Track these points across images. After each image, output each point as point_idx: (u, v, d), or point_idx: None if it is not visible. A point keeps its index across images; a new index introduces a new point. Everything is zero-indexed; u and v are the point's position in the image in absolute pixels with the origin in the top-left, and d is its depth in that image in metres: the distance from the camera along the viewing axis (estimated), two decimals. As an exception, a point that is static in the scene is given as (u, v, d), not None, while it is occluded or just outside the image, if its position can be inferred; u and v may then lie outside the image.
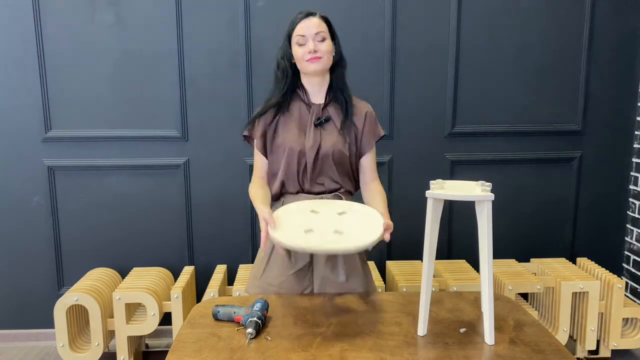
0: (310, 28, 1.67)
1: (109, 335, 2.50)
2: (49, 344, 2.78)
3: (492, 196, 1.40)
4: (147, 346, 2.74)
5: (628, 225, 2.89)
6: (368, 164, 1.81)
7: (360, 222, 1.55)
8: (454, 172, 2.78)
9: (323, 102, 1.76)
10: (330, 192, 1.76)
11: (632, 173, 2.85)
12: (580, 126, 2.78)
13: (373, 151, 1.82)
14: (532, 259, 2.78)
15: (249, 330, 1.45)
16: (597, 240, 2.90)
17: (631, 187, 2.86)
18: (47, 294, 2.77)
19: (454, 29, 2.65)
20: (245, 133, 1.80)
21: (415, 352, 1.38)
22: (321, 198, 1.73)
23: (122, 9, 2.58)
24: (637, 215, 2.82)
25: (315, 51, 1.66)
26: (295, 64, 1.73)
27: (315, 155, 1.70)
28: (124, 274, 2.72)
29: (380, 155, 2.74)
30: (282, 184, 1.75)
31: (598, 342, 2.57)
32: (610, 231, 2.91)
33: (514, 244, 2.86)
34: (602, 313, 2.52)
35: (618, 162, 2.84)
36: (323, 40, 1.68)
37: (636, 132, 2.81)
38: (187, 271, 2.66)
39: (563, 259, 2.77)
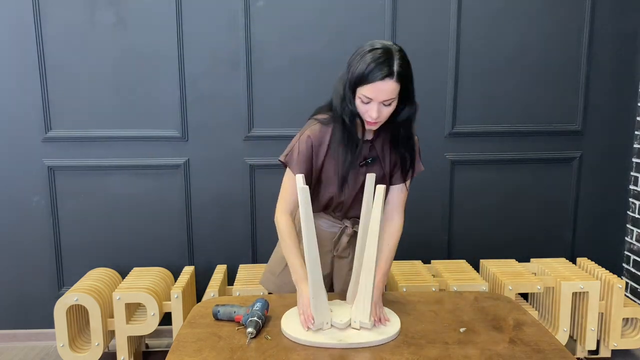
0: (380, 93, 1.42)
1: (109, 335, 2.50)
2: (49, 344, 2.77)
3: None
4: (147, 346, 2.74)
5: (628, 225, 2.89)
6: (394, 195, 1.67)
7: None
8: (454, 172, 2.78)
9: (371, 137, 1.60)
10: (355, 216, 1.71)
11: (632, 173, 2.85)
12: (580, 126, 2.78)
13: (407, 186, 1.69)
14: (532, 259, 2.78)
15: (249, 329, 1.45)
16: (597, 240, 2.90)
17: (631, 187, 2.86)
18: (47, 294, 2.77)
19: (454, 29, 2.65)
20: (282, 159, 1.63)
21: (415, 352, 1.38)
22: (343, 220, 1.72)
23: (122, 9, 2.58)
24: (637, 215, 2.82)
25: (377, 118, 1.46)
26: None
27: (356, 194, 1.63)
28: (124, 274, 2.72)
29: (380, 155, 2.74)
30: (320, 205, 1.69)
31: (598, 342, 2.57)
32: (610, 231, 2.90)
33: (514, 244, 2.86)
34: (602, 313, 2.52)
35: (618, 162, 2.84)
36: (390, 104, 1.46)
37: (636, 132, 2.81)
38: (187, 271, 2.66)
39: (563, 259, 2.77)
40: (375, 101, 1.43)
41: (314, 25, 2.63)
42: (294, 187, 1.54)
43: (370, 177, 1.52)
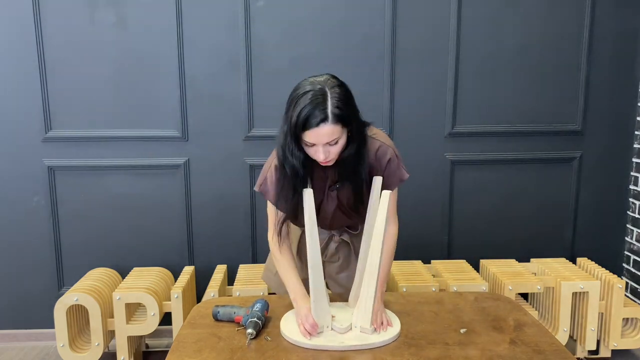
0: (320, 137, 1.37)
1: (109, 335, 2.50)
2: (49, 344, 2.77)
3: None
4: (147, 346, 2.74)
5: (628, 225, 2.89)
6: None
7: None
8: (454, 172, 2.78)
9: (333, 170, 1.57)
10: (339, 228, 1.75)
11: (632, 173, 2.85)
12: (580, 126, 2.78)
13: (394, 192, 1.66)
14: (532, 259, 2.78)
15: (249, 330, 1.45)
16: (597, 240, 2.90)
17: (631, 187, 2.86)
18: (47, 294, 2.77)
19: (454, 29, 2.65)
20: (257, 189, 1.65)
21: (416, 352, 1.38)
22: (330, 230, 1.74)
23: (122, 9, 2.58)
24: (637, 215, 2.82)
25: (326, 158, 1.42)
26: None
27: (333, 213, 1.65)
28: (124, 274, 2.72)
29: (380, 155, 2.73)
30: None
31: (598, 342, 2.57)
32: (610, 231, 2.90)
33: (514, 244, 2.86)
34: (602, 313, 2.52)
35: (618, 162, 2.84)
36: (336, 143, 1.41)
37: (636, 132, 2.81)
38: (187, 271, 2.66)
39: (563, 259, 2.77)
40: (319, 144, 1.39)
41: (314, 25, 2.62)
42: (276, 210, 1.59)
43: (377, 181, 1.51)
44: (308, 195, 1.40)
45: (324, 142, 1.38)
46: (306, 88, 1.39)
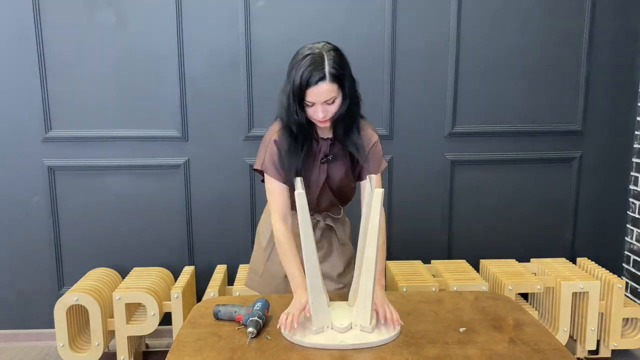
0: (320, 95, 1.51)
1: (109, 335, 2.50)
2: (49, 344, 2.77)
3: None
4: (147, 346, 2.74)
5: (628, 225, 2.89)
6: (368, 191, 1.67)
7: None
8: (454, 172, 2.78)
9: (331, 136, 1.67)
10: (324, 210, 1.82)
11: (632, 173, 2.85)
12: (580, 126, 2.78)
13: (380, 181, 1.70)
14: (532, 259, 2.78)
15: (250, 329, 1.45)
16: (597, 240, 2.90)
17: (631, 187, 2.86)
18: (47, 294, 2.77)
19: (454, 29, 2.65)
20: (258, 167, 1.70)
21: (416, 352, 1.38)
22: (314, 215, 1.79)
23: (122, 9, 2.58)
24: (637, 215, 2.82)
25: (324, 117, 1.55)
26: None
27: (321, 189, 1.71)
28: (124, 274, 2.72)
29: (380, 155, 2.74)
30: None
31: (598, 342, 2.57)
32: (610, 231, 2.90)
33: (514, 244, 2.86)
34: (602, 313, 2.52)
35: (618, 162, 2.84)
36: (333, 102, 1.54)
37: (636, 132, 2.81)
38: (187, 271, 2.66)
39: (563, 259, 2.77)
40: (318, 103, 1.52)
41: (314, 25, 2.63)
42: (279, 189, 1.64)
43: (372, 179, 1.52)
44: (300, 197, 1.40)
45: (323, 100, 1.51)
46: (305, 52, 1.52)
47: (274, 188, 1.66)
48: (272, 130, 1.68)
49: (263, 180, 1.72)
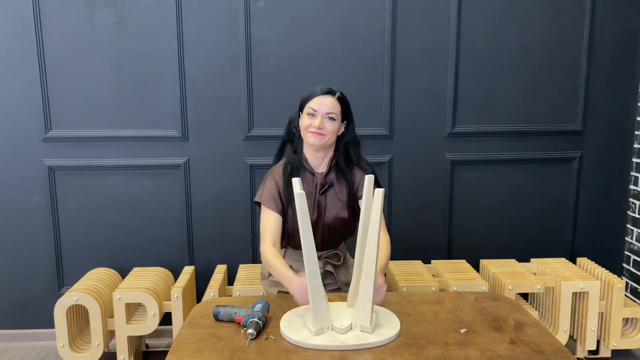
0: (323, 106, 1.70)
1: (109, 335, 2.50)
2: (49, 344, 2.77)
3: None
4: (147, 346, 2.74)
5: (628, 225, 2.89)
6: None
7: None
8: (454, 172, 2.78)
9: (325, 170, 1.81)
10: (331, 247, 1.90)
11: (632, 173, 2.85)
12: (580, 126, 2.78)
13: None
14: (532, 259, 2.78)
15: (250, 330, 1.45)
16: (597, 240, 2.90)
17: (631, 187, 2.86)
18: (47, 294, 2.77)
19: (454, 29, 2.65)
20: (257, 200, 1.83)
21: (416, 352, 1.38)
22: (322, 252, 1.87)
23: (122, 9, 2.58)
24: (637, 215, 2.82)
25: (320, 128, 1.70)
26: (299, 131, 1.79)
27: (317, 221, 1.81)
28: (124, 274, 2.72)
29: (380, 155, 2.74)
30: (288, 239, 1.87)
31: (598, 342, 2.57)
32: (610, 231, 2.91)
33: (514, 244, 2.87)
34: (602, 313, 2.52)
35: (618, 162, 2.84)
36: (332, 120, 1.72)
37: (636, 132, 2.81)
38: (187, 271, 2.66)
39: (563, 259, 2.77)
40: (319, 113, 1.69)
41: (314, 25, 2.62)
42: (272, 219, 1.77)
43: (369, 179, 1.52)
44: (300, 198, 1.41)
45: (325, 111, 1.69)
46: (318, 85, 1.77)
47: (268, 217, 1.78)
48: (272, 170, 1.84)
49: None
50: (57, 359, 2.52)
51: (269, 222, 1.78)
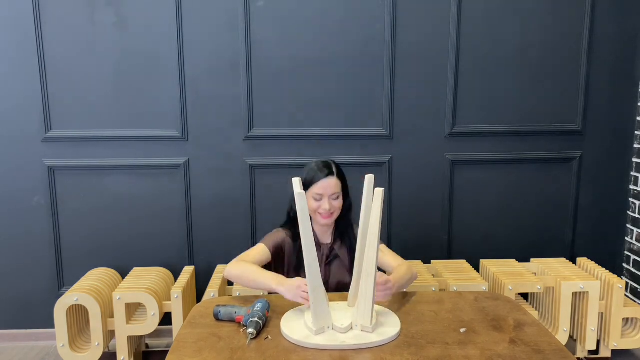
0: (328, 188, 1.80)
1: (109, 335, 2.50)
2: (49, 344, 2.77)
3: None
4: (147, 346, 2.74)
5: (628, 225, 2.89)
6: (384, 261, 1.89)
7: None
8: (454, 172, 2.78)
9: (330, 241, 1.91)
10: None
11: (632, 173, 2.85)
12: (580, 126, 2.78)
13: (383, 251, 1.86)
14: (532, 259, 2.78)
15: (250, 330, 1.45)
16: (597, 240, 2.90)
17: (631, 187, 2.86)
18: (47, 294, 2.77)
19: (454, 29, 2.65)
20: (268, 245, 1.88)
21: (416, 351, 1.38)
22: None
23: (122, 9, 2.58)
24: (637, 215, 2.82)
25: (330, 210, 1.80)
26: None
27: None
28: (124, 274, 2.72)
29: (380, 155, 2.74)
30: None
31: (598, 342, 2.57)
32: (610, 231, 2.91)
33: (514, 244, 2.87)
34: (602, 313, 2.52)
35: (618, 162, 2.84)
36: (337, 198, 1.82)
37: (636, 132, 2.81)
38: (187, 271, 2.66)
39: (563, 259, 2.77)
40: (325, 196, 1.79)
41: (314, 25, 2.63)
42: (256, 250, 1.84)
43: (369, 178, 1.53)
44: (300, 198, 1.41)
45: (330, 193, 1.80)
46: (315, 160, 1.86)
47: (256, 247, 1.86)
48: (282, 230, 1.91)
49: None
50: (57, 359, 2.52)
51: (254, 250, 1.86)
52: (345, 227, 1.92)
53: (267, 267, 1.85)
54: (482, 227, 2.85)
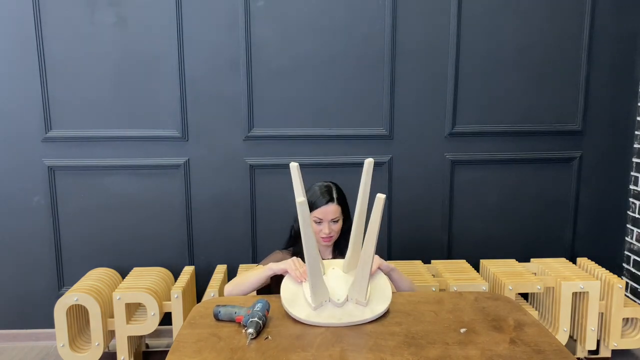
0: (328, 214, 1.87)
1: (109, 335, 2.50)
2: (49, 344, 2.77)
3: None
4: (147, 346, 2.74)
5: (628, 225, 2.89)
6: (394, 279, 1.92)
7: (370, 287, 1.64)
8: (454, 172, 2.78)
9: (330, 258, 1.96)
10: None
11: (632, 173, 2.85)
12: (580, 126, 2.78)
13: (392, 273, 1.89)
14: (532, 259, 2.78)
15: (250, 330, 1.45)
16: (597, 240, 2.90)
17: (631, 187, 2.86)
18: (47, 294, 2.77)
19: (454, 29, 2.65)
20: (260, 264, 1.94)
21: (416, 351, 1.38)
22: None
23: (122, 9, 2.58)
24: (637, 215, 2.82)
25: (329, 234, 1.88)
26: None
27: None
28: (124, 274, 2.72)
29: (380, 155, 2.74)
30: None
31: (598, 342, 2.57)
32: (610, 231, 2.91)
33: (514, 244, 2.87)
34: (602, 313, 2.52)
35: (618, 162, 2.84)
36: (337, 221, 1.89)
37: (636, 132, 2.81)
38: (187, 271, 2.66)
39: (563, 259, 2.77)
40: (325, 221, 1.87)
41: (314, 25, 2.63)
42: (255, 274, 1.81)
43: (367, 164, 1.58)
44: (302, 206, 1.45)
45: (329, 218, 1.87)
46: (317, 184, 1.93)
47: (251, 271, 1.85)
48: (282, 251, 1.99)
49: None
50: (57, 359, 2.52)
51: (253, 273, 1.86)
52: (345, 245, 1.92)
53: (265, 290, 1.87)
54: (482, 227, 2.85)
